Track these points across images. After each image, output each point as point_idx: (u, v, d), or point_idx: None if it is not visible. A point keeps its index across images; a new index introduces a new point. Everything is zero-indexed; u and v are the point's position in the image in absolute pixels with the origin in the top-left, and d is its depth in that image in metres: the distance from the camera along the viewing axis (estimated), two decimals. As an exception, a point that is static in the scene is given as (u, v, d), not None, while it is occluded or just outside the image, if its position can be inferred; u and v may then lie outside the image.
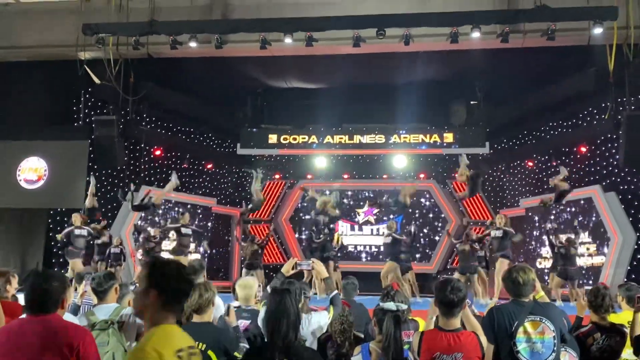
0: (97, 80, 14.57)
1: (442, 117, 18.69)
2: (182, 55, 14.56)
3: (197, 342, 3.76)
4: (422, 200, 19.63)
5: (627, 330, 4.09)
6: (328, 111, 17.58)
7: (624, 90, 13.16)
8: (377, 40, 12.75)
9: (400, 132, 17.83)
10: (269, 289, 4.37)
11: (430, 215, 19.59)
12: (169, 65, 15.38)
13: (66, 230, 12.94)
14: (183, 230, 13.84)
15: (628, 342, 4.05)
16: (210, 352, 3.74)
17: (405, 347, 3.63)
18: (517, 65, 15.34)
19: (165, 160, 17.71)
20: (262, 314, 4.08)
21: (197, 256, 15.18)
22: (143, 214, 16.27)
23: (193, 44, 13.19)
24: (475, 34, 12.30)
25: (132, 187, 13.95)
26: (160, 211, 16.63)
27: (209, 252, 17.40)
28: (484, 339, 3.51)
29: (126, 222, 15.56)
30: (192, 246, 14.67)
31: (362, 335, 4.52)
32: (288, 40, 12.99)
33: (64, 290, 2.89)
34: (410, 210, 19.41)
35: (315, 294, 11.12)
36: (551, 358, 3.50)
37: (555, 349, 3.51)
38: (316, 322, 4.36)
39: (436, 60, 15.20)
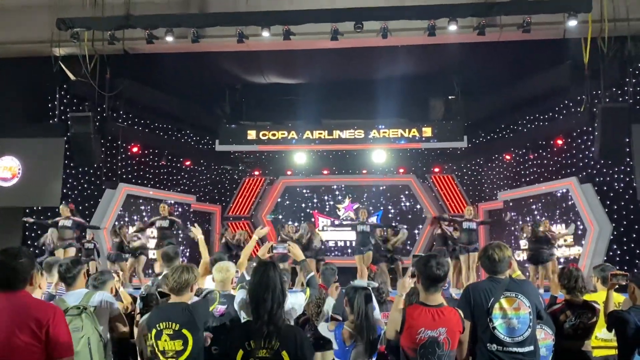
0: (72, 77, 14.37)
1: (421, 112, 18.76)
2: (159, 50, 14.41)
3: (170, 322, 3.81)
4: (401, 195, 19.70)
5: (599, 307, 4.13)
6: (307, 107, 17.55)
7: (599, 83, 13.35)
8: (355, 35, 12.77)
9: (379, 127, 17.86)
10: (245, 273, 4.33)
11: (409, 210, 19.66)
12: (145, 61, 15.21)
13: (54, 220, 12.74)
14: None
15: (601, 321, 4.09)
16: (184, 331, 3.86)
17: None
18: (493, 60, 15.45)
19: (143, 157, 17.53)
20: (237, 299, 4.05)
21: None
22: (120, 212, 16.08)
23: (169, 38, 13.09)
24: (453, 27, 12.38)
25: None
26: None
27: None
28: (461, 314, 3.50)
29: (104, 219, 15.35)
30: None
31: (341, 319, 4.51)
32: (265, 34, 12.93)
33: (32, 267, 2.83)
34: (389, 205, 19.58)
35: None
36: (527, 334, 3.53)
37: (530, 324, 3.54)
38: (291, 303, 4.32)
39: (414, 55, 15.26)
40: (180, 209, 18.21)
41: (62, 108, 15.32)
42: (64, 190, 15.19)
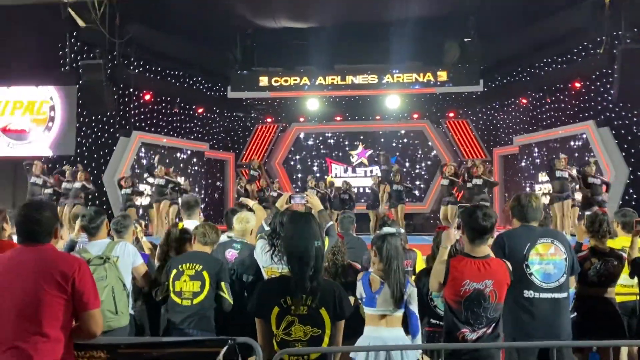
0: (81, 23, 14.16)
1: (436, 55, 18.33)
2: (169, -6, 14.15)
3: (194, 264, 4.03)
4: (416, 140, 19.59)
5: (625, 254, 4.12)
6: (319, 52, 17.18)
7: (620, 24, 12.96)
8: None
9: (393, 71, 17.56)
10: (264, 224, 4.35)
11: (424, 157, 19.59)
12: (155, 6, 14.96)
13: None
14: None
15: (626, 268, 4.09)
16: (205, 273, 4.08)
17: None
18: (510, 1, 15.01)
19: (155, 105, 17.43)
20: (257, 248, 4.10)
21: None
22: (134, 160, 16.13)
23: (180, -18, 12.78)
24: (471, -34, 11.95)
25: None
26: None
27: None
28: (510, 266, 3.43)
29: (119, 168, 15.42)
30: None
31: (360, 266, 4.55)
32: (278, -24, 12.60)
33: (56, 220, 2.82)
34: (404, 150, 19.51)
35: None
36: (562, 279, 3.52)
37: (566, 270, 3.52)
38: None
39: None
40: (194, 157, 18.25)
41: (72, 56, 15.16)
42: (78, 139, 15.23)
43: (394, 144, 19.63)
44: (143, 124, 16.85)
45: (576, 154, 15.13)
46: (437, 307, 4.02)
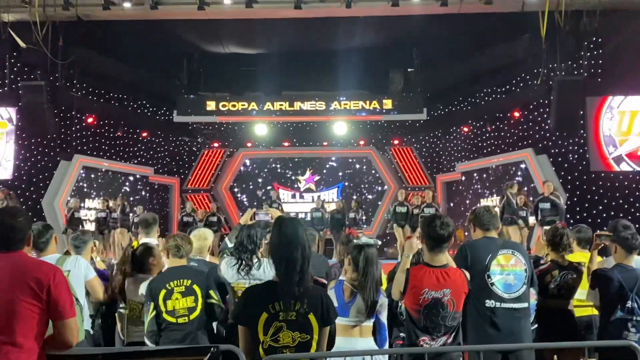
0: (22, 44, 13.76)
1: (381, 84, 18.81)
2: (114, 17, 13.96)
3: (181, 280, 3.98)
4: (362, 166, 19.86)
5: (583, 268, 4.29)
6: (267, 77, 17.30)
7: (555, 57, 13.69)
8: (318, 4, 12.68)
9: (341, 98, 17.85)
10: (227, 240, 4.32)
11: (370, 182, 19.85)
12: (99, 29, 14.74)
13: None
14: None
15: (584, 281, 4.26)
16: (195, 287, 4.02)
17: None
18: (452, 33, 15.61)
19: (99, 128, 17.02)
20: (222, 265, 4.08)
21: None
22: (75, 187, 15.62)
23: (127, 5, 12.70)
24: (416, -2, 12.41)
25: None
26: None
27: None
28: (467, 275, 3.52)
29: (59, 192, 14.90)
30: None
31: (325, 281, 4.57)
32: (227, 1, 12.68)
33: (30, 227, 2.75)
34: (350, 176, 19.73)
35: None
36: (522, 290, 3.63)
37: (525, 281, 3.64)
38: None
39: (375, 26, 15.28)
40: (138, 182, 17.89)
41: (12, 77, 14.66)
42: (17, 163, 14.66)
43: (341, 170, 19.82)
44: (85, 147, 16.38)
45: (518, 179, 15.69)
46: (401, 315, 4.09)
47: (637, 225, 13.56)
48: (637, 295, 3.78)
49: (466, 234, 12.66)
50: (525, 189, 15.16)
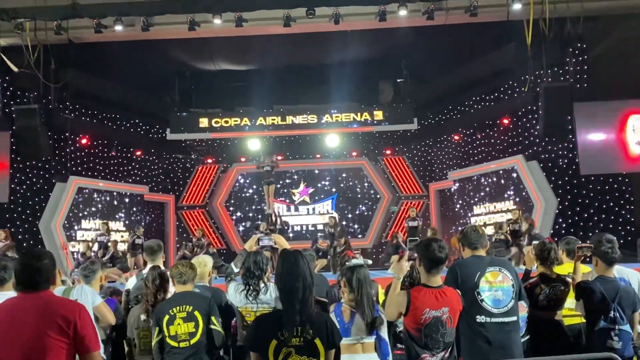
0: (14, 68, 13.85)
1: (372, 96, 19.05)
2: (106, 39, 14.09)
3: (184, 305, 4.14)
4: (355, 178, 20.01)
5: (571, 280, 4.46)
6: (259, 93, 17.49)
7: (542, 64, 13.90)
8: (307, 20, 12.84)
9: (332, 111, 18.04)
10: (233, 266, 4.46)
11: (363, 193, 20.00)
12: (91, 51, 14.86)
13: None
14: None
15: (571, 292, 4.42)
16: (196, 313, 4.17)
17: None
18: (440, 43, 15.86)
19: (92, 148, 17.14)
20: (230, 290, 4.21)
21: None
22: (71, 206, 15.70)
23: (119, 27, 12.82)
24: (402, 12, 12.62)
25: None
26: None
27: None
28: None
29: (55, 214, 14.98)
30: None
31: (326, 300, 4.70)
32: (217, 21, 12.85)
33: (54, 267, 2.91)
34: (344, 188, 19.86)
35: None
36: (510, 304, 3.81)
37: (513, 296, 3.82)
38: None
39: (364, 40, 15.48)
40: (133, 201, 17.97)
41: (5, 101, 14.75)
42: (12, 186, 14.72)
43: (335, 182, 19.95)
44: (80, 169, 16.49)
45: (512, 186, 15.92)
46: (402, 332, 4.22)
47: (627, 227, 13.78)
48: (618, 305, 3.96)
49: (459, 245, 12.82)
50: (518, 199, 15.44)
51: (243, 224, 19.48)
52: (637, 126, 14.16)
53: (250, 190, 19.97)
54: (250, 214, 19.51)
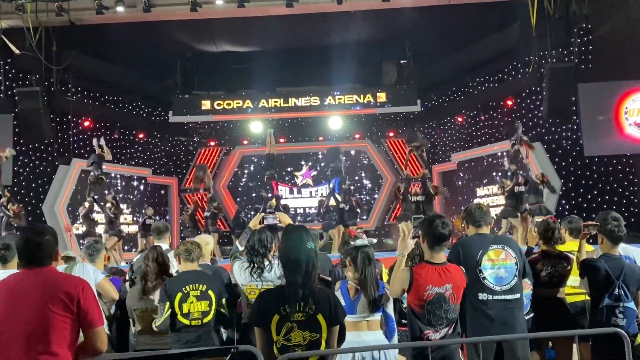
0: (16, 51, 13.86)
1: (375, 77, 18.94)
2: (107, 21, 14.06)
3: (197, 284, 4.18)
4: (358, 159, 19.97)
5: (573, 257, 4.45)
6: (261, 75, 17.41)
7: (546, 44, 13.80)
8: (310, 0, 12.78)
9: (335, 93, 17.95)
10: (237, 244, 4.46)
11: (366, 175, 19.97)
12: (93, 33, 14.81)
13: None
14: None
15: (574, 269, 4.41)
16: (210, 292, 4.23)
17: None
18: (444, 24, 15.70)
19: (95, 131, 17.06)
20: (235, 268, 4.22)
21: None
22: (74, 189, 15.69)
23: (120, 9, 12.77)
24: (407, -9, 12.50)
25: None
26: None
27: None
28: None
29: (59, 197, 15.01)
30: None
31: (329, 278, 4.72)
32: (219, 2, 12.77)
33: (57, 244, 2.90)
34: (347, 170, 19.81)
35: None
36: (513, 282, 3.80)
37: (516, 274, 3.81)
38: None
39: (367, 20, 15.38)
40: (136, 183, 17.96)
41: (7, 83, 14.72)
42: (15, 169, 14.73)
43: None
44: (82, 151, 16.46)
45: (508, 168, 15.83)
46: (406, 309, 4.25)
47: (632, 208, 13.73)
48: (623, 283, 3.95)
49: (463, 224, 12.81)
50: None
51: (246, 205, 19.47)
52: (631, 107, 14.07)
53: (253, 174, 19.90)
54: (254, 195, 19.51)
